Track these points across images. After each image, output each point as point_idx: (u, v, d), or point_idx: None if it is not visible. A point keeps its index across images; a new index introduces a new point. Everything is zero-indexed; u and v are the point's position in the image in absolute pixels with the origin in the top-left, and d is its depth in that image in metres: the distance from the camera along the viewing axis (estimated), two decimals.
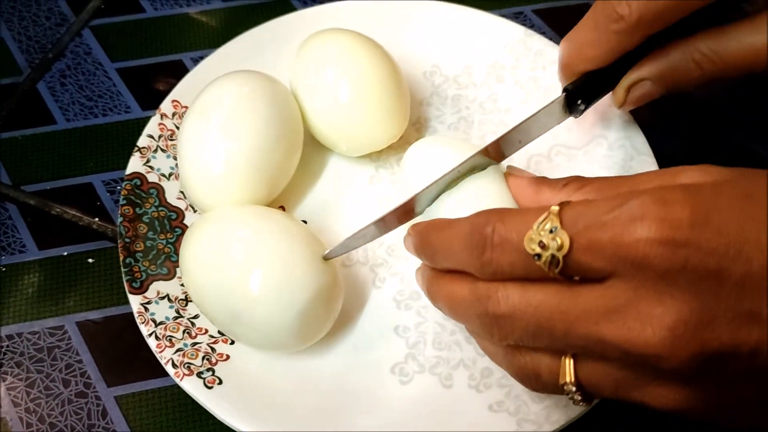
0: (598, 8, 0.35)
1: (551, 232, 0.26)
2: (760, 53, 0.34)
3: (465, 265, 0.29)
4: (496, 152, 0.36)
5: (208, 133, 0.39)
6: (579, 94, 0.37)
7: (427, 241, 0.32)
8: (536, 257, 0.26)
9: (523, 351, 0.30)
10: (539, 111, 0.37)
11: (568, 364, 0.28)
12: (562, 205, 0.27)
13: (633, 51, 0.36)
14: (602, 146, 0.42)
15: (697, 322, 0.24)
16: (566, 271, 0.26)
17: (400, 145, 0.44)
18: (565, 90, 0.37)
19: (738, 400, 0.26)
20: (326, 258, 0.36)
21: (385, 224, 0.36)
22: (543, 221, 0.26)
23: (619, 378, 0.27)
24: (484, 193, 0.35)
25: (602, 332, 0.26)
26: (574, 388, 0.28)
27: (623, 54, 0.36)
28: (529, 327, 0.28)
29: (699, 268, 0.24)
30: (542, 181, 0.34)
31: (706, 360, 0.25)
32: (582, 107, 0.38)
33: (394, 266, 0.40)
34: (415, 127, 0.45)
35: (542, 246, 0.26)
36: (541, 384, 0.30)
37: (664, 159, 0.41)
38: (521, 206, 0.34)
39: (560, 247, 0.26)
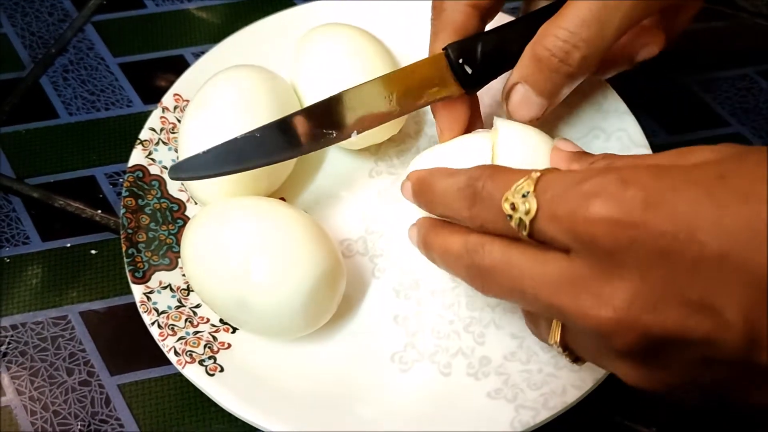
0: None
1: (524, 196, 0.27)
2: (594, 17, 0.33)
3: (457, 215, 0.31)
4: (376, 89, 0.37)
5: (208, 126, 0.39)
6: (459, 54, 0.37)
7: (428, 187, 0.33)
8: (508, 218, 0.27)
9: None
10: (414, 63, 0.38)
11: (556, 326, 0.29)
12: (543, 171, 0.27)
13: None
14: (599, 138, 0.43)
15: (642, 305, 0.24)
16: (534, 236, 0.27)
17: (400, 138, 0.44)
18: (444, 50, 0.37)
19: (695, 382, 0.26)
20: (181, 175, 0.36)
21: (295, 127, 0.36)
22: (521, 184, 0.27)
23: (592, 348, 0.27)
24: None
25: (562, 303, 0.26)
26: (560, 349, 0.29)
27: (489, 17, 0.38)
28: (505, 285, 0.28)
29: (647, 251, 0.24)
30: (575, 157, 0.33)
31: (652, 343, 0.24)
32: (468, 70, 0.37)
33: (394, 257, 0.41)
34: (415, 120, 0.45)
35: (513, 208, 0.27)
36: (542, 338, 0.31)
37: (661, 150, 0.42)
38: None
39: (527, 212, 0.26)
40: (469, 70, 0.37)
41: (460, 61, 0.37)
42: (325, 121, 0.37)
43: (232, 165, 0.36)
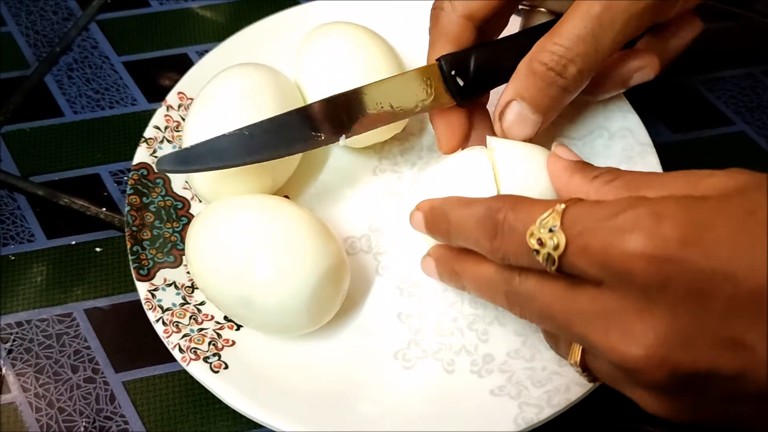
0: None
1: (550, 230, 0.26)
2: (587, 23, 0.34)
3: (477, 246, 0.30)
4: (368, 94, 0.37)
5: (213, 123, 0.39)
6: (451, 65, 0.37)
7: (443, 217, 0.33)
8: (535, 252, 0.27)
9: None
10: (408, 71, 0.38)
11: (578, 348, 0.29)
12: (568, 203, 0.27)
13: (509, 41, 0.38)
14: (603, 137, 0.43)
15: (674, 343, 0.24)
16: (563, 270, 0.27)
17: (404, 136, 0.44)
18: (437, 61, 0.38)
19: (726, 414, 0.26)
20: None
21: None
22: (546, 218, 0.27)
23: (614, 375, 0.27)
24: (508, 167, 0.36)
25: (590, 335, 0.26)
26: (580, 370, 0.29)
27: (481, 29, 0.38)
28: (540, 311, 0.29)
29: (682, 288, 0.23)
30: (577, 167, 0.33)
31: (681, 380, 0.24)
32: (460, 82, 0.37)
33: (397, 254, 0.41)
34: (418, 118, 0.45)
35: (540, 243, 0.27)
36: (560, 354, 0.31)
37: (665, 150, 0.42)
38: (554, 188, 0.34)
39: (556, 247, 0.26)
40: (461, 83, 0.37)
41: (453, 72, 0.37)
42: (314, 123, 0.37)
43: (217, 161, 0.36)
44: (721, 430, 0.32)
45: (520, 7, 0.41)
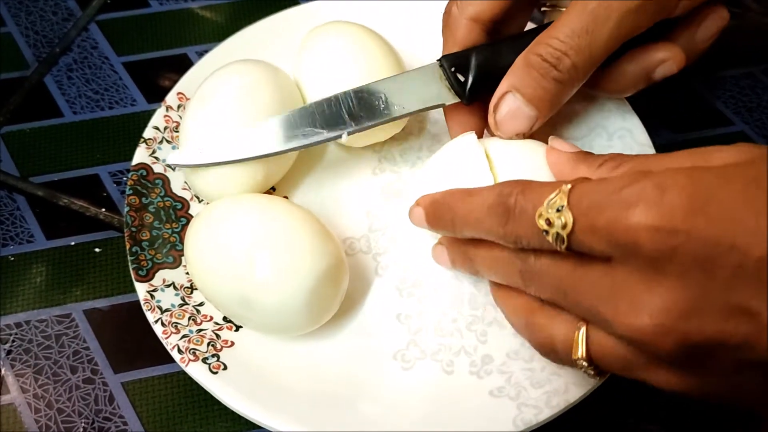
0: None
1: (558, 210, 0.27)
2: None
3: (488, 233, 0.31)
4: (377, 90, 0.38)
5: (210, 120, 0.39)
6: (451, 64, 0.38)
7: (447, 210, 0.33)
8: (545, 233, 0.27)
9: (541, 326, 0.31)
10: (410, 71, 0.39)
11: (581, 340, 0.29)
12: (574, 182, 0.27)
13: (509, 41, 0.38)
14: (602, 137, 0.43)
15: (682, 312, 0.24)
16: (573, 248, 0.27)
17: (403, 136, 0.44)
18: (438, 60, 0.38)
19: (735, 386, 0.26)
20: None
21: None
22: (553, 198, 0.27)
23: (626, 356, 0.27)
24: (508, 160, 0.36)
25: (600, 309, 0.26)
26: (585, 363, 0.29)
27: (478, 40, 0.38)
28: (554, 287, 0.29)
29: (689, 258, 0.24)
30: (581, 157, 0.33)
31: (690, 349, 0.25)
32: (461, 78, 0.38)
33: (397, 255, 0.41)
34: (418, 118, 0.45)
35: (549, 223, 0.27)
36: (558, 357, 0.31)
37: (665, 150, 0.41)
38: (558, 179, 0.34)
39: (564, 226, 0.27)
40: (462, 79, 0.38)
41: (453, 69, 0.38)
42: (319, 120, 0.38)
43: (217, 157, 0.38)
44: (729, 410, 0.32)
45: (542, 8, 0.41)
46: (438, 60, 0.38)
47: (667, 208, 0.24)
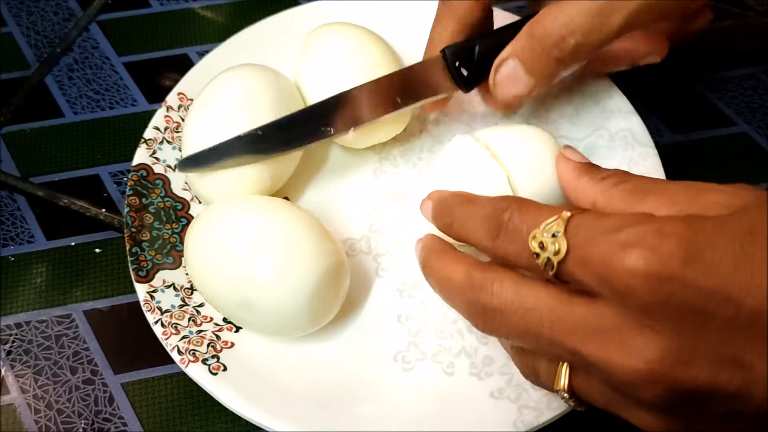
0: None
1: (553, 236, 0.26)
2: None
3: (478, 243, 0.30)
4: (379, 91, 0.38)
5: (212, 124, 0.39)
6: (456, 57, 0.38)
7: (449, 211, 0.32)
8: (535, 255, 0.27)
9: (527, 353, 0.30)
10: (415, 63, 0.39)
11: (564, 371, 0.28)
12: (574, 212, 0.27)
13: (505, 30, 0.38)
14: (603, 138, 0.43)
15: (675, 359, 0.24)
16: (560, 277, 0.27)
17: (404, 137, 0.44)
18: (442, 52, 0.38)
19: None
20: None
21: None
22: (550, 223, 0.27)
23: (608, 394, 0.27)
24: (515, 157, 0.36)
25: (585, 349, 0.26)
26: (567, 395, 0.29)
27: (481, 22, 0.38)
28: (517, 327, 0.28)
29: (683, 306, 0.23)
30: (584, 168, 0.33)
31: (681, 397, 0.24)
32: (464, 72, 0.38)
33: (397, 256, 0.41)
34: (419, 119, 0.45)
35: (542, 247, 0.27)
36: (540, 383, 0.30)
37: (666, 151, 0.42)
38: (563, 188, 0.34)
39: (557, 252, 0.26)
40: (465, 72, 0.38)
41: (457, 63, 0.38)
42: (324, 118, 0.39)
43: (228, 159, 0.38)
44: None
45: None
46: (441, 51, 0.38)
47: (664, 255, 0.24)
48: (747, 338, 0.23)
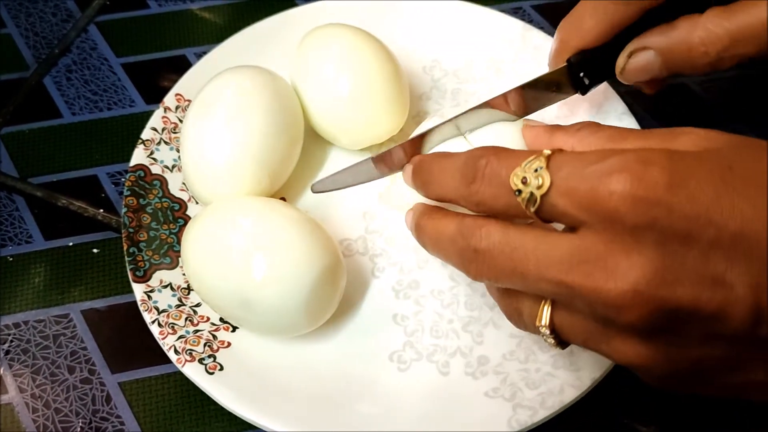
0: None
1: (536, 171, 0.27)
2: (763, 29, 0.33)
3: (454, 193, 0.31)
4: (502, 106, 0.37)
5: (210, 126, 0.40)
6: (581, 67, 0.38)
7: (425, 168, 0.33)
8: (517, 192, 0.28)
9: (513, 293, 0.31)
10: (543, 75, 0.38)
11: (546, 308, 0.29)
12: (554, 150, 0.28)
13: (634, 29, 0.36)
14: None
15: (660, 280, 0.25)
16: (541, 213, 0.27)
17: (401, 138, 0.44)
18: (567, 61, 0.38)
19: (695, 361, 0.26)
20: (314, 191, 0.38)
21: (383, 163, 0.37)
22: (531, 160, 0.27)
23: (588, 329, 0.28)
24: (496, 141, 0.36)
25: (570, 280, 0.26)
26: (548, 332, 0.29)
27: (622, 29, 0.37)
28: (505, 267, 0.28)
29: (668, 229, 0.24)
30: (556, 127, 0.34)
31: (663, 317, 0.25)
32: (586, 81, 0.38)
33: (393, 256, 0.41)
34: (415, 120, 0.45)
35: (524, 182, 0.27)
36: (523, 323, 0.31)
37: None
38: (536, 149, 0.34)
39: (540, 186, 0.27)
40: (587, 82, 0.38)
41: (581, 74, 0.38)
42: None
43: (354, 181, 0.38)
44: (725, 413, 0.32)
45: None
46: (567, 60, 0.38)
47: (649, 180, 0.25)
48: (728, 259, 0.24)
